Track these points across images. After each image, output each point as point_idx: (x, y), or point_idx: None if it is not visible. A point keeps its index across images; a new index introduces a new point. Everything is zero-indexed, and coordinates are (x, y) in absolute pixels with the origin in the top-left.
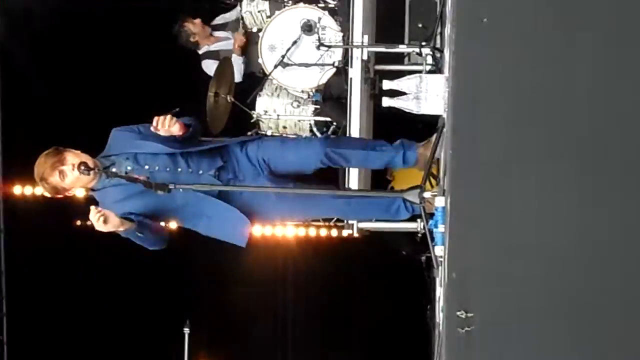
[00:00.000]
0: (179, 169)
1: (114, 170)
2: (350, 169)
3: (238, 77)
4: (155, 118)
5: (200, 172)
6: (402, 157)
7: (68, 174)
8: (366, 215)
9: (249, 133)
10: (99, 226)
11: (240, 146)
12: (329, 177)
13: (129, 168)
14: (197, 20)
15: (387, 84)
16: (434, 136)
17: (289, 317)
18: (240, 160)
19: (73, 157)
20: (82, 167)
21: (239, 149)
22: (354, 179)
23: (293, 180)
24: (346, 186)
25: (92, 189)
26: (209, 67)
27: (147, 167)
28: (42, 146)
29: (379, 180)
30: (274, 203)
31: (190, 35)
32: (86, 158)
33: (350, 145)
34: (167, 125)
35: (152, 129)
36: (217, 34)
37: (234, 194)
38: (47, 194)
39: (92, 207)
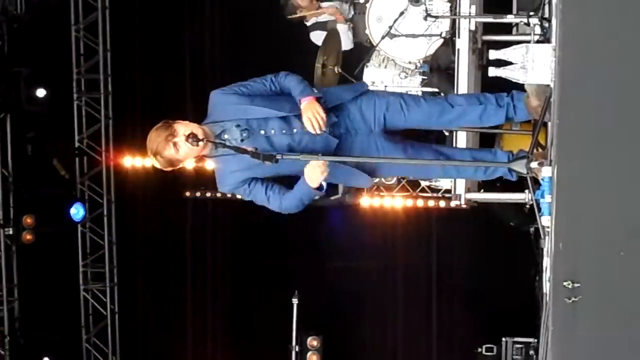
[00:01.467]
0: (294, 130)
1: (225, 137)
2: (459, 132)
3: (349, 44)
4: (308, 123)
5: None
6: (512, 109)
7: (182, 146)
8: (465, 175)
9: None
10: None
11: (354, 99)
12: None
13: (243, 135)
14: None
15: (493, 54)
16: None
17: (397, 287)
18: (353, 115)
19: (184, 128)
20: (191, 139)
21: (352, 102)
22: (461, 140)
23: (402, 135)
24: (454, 145)
25: (206, 156)
26: (318, 38)
27: (262, 132)
28: (150, 117)
29: (485, 141)
30: (384, 155)
31: (297, 8)
32: (195, 128)
33: (461, 102)
34: (323, 124)
35: (309, 130)
36: (325, 4)
37: (346, 148)
38: (162, 168)
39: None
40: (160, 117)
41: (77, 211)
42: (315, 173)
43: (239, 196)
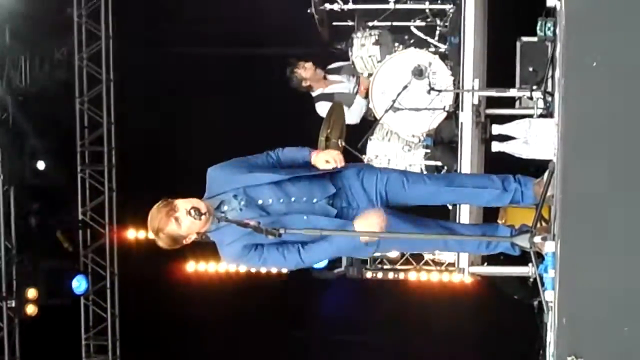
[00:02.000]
0: (292, 199)
1: (224, 208)
2: (462, 206)
3: (356, 119)
4: (329, 162)
5: (315, 200)
6: (520, 194)
7: (183, 220)
8: (467, 250)
9: None
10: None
11: (356, 173)
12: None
13: (242, 204)
14: (309, 65)
15: (496, 129)
16: (546, 176)
17: None
18: (354, 187)
19: (184, 203)
20: (193, 212)
21: (353, 176)
22: (465, 215)
23: (404, 210)
24: (457, 220)
25: (208, 232)
26: (323, 109)
27: (260, 201)
28: (154, 190)
29: (489, 214)
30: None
31: (302, 80)
32: (197, 202)
33: (467, 183)
34: (339, 162)
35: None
36: (332, 77)
37: (348, 218)
38: (165, 246)
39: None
40: (163, 190)
41: (79, 284)
42: (371, 224)
43: (242, 269)
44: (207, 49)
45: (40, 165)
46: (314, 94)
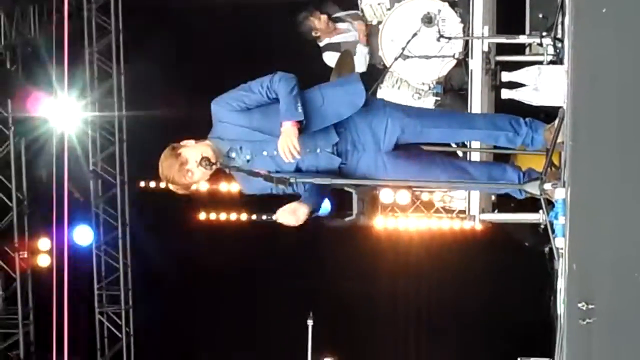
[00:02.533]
0: None
1: (233, 155)
2: (472, 153)
3: (362, 67)
4: (282, 152)
5: (318, 150)
6: (530, 138)
7: (195, 172)
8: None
9: None
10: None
11: (365, 116)
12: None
13: (247, 157)
14: (324, 17)
15: (506, 76)
16: (557, 122)
17: (411, 308)
18: (361, 131)
19: (193, 153)
20: (204, 163)
21: (361, 118)
22: (475, 157)
23: (414, 147)
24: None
25: (222, 167)
26: (331, 59)
27: (265, 152)
28: (161, 137)
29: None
30: (392, 171)
31: (313, 29)
32: (205, 149)
33: (479, 124)
34: (297, 153)
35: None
36: (338, 25)
37: (352, 164)
38: (179, 192)
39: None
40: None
41: (84, 235)
42: (289, 220)
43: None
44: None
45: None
46: (321, 44)
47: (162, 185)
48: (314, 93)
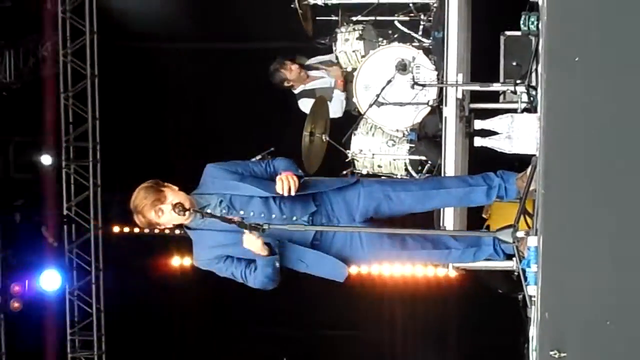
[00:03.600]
0: (273, 215)
1: (208, 211)
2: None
3: (339, 112)
4: (279, 182)
5: (294, 218)
6: (503, 190)
7: (165, 213)
8: (451, 260)
9: (344, 172)
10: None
11: (338, 189)
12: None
13: (223, 212)
14: (295, 67)
15: (479, 124)
16: (529, 171)
17: (385, 356)
18: (335, 203)
19: (172, 196)
20: (178, 209)
21: (335, 192)
22: (449, 215)
23: (387, 223)
24: (441, 225)
25: (187, 227)
26: (306, 105)
27: (241, 212)
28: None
29: (471, 214)
30: (367, 247)
31: (284, 80)
32: (184, 198)
33: (451, 184)
34: (293, 189)
35: (279, 191)
36: (312, 73)
37: (327, 239)
38: (139, 225)
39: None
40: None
41: (51, 280)
42: (252, 244)
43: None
44: (189, 44)
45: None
46: (295, 92)
47: (137, 230)
48: (309, 179)
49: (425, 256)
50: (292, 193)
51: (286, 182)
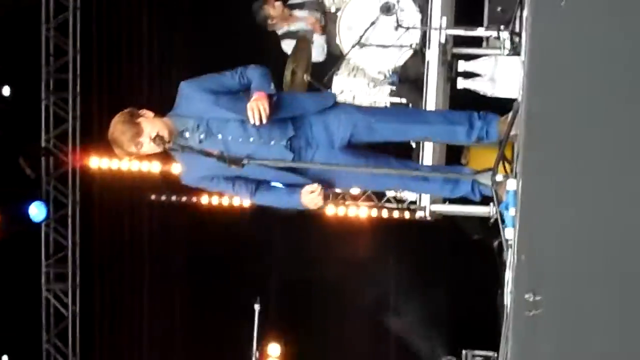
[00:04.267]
0: (251, 139)
1: (187, 135)
2: (425, 143)
3: (321, 56)
4: (250, 112)
5: (272, 142)
6: (484, 132)
7: (144, 145)
8: (428, 191)
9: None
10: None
11: (319, 113)
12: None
13: (201, 137)
14: (278, 3)
15: (462, 65)
16: (510, 115)
17: (359, 298)
18: (315, 127)
19: (150, 126)
20: (158, 141)
21: (316, 116)
22: (428, 153)
23: (367, 149)
24: (420, 162)
25: (171, 149)
26: (289, 46)
27: (219, 135)
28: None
29: (451, 154)
30: (345, 172)
31: (268, 17)
32: (162, 126)
33: (433, 119)
34: (264, 117)
35: (250, 121)
36: (296, 12)
37: (305, 161)
38: (120, 156)
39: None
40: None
41: (38, 211)
42: (312, 201)
43: (204, 199)
44: None
45: (6, 90)
46: (279, 32)
47: (114, 165)
48: (284, 93)
49: (402, 184)
50: (264, 120)
51: (257, 111)
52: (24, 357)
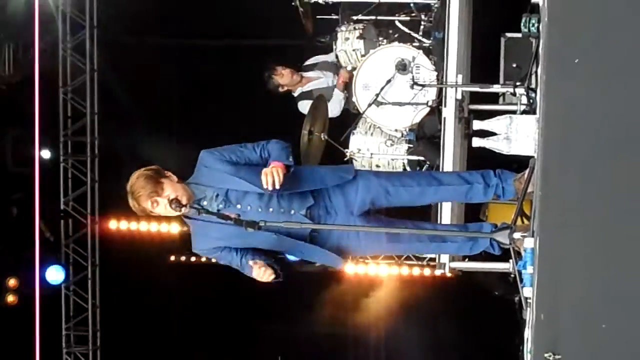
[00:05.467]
0: (270, 209)
1: (204, 203)
2: (443, 203)
3: (337, 112)
4: (264, 177)
5: (292, 212)
6: (500, 189)
7: (160, 205)
8: (448, 251)
9: (345, 160)
10: (265, 279)
11: (337, 182)
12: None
13: (220, 206)
14: (286, 72)
15: (477, 124)
16: (527, 172)
17: (380, 355)
18: (334, 197)
19: (170, 189)
20: (174, 204)
21: (334, 185)
22: (446, 213)
23: (385, 212)
24: (439, 218)
25: (185, 216)
26: (305, 107)
27: (238, 206)
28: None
29: (470, 212)
30: (364, 239)
31: (279, 86)
32: (182, 191)
33: (449, 181)
34: (277, 183)
35: (264, 186)
36: (309, 74)
37: (325, 230)
38: (133, 209)
39: (256, 265)
40: None
41: (56, 274)
42: (261, 277)
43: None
44: (189, 41)
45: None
46: (295, 94)
47: (133, 227)
48: (305, 167)
49: (422, 248)
50: (277, 187)
51: (270, 177)
52: None
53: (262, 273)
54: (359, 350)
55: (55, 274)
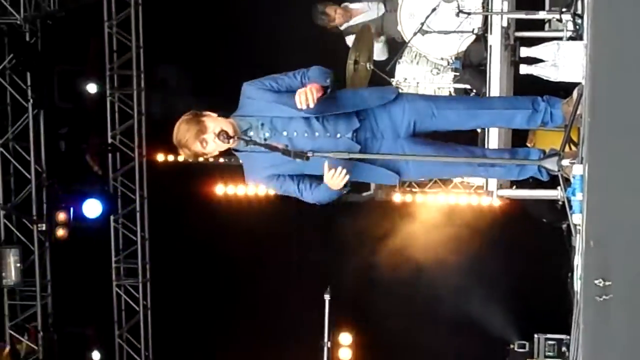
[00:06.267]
0: (317, 134)
1: (251, 134)
2: (490, 128)
3: (383, 56)
4: (297, 96)
5: (338, 135)
6: (549, 115)
7: (209, 142)
8: (496, 176)
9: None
10: (340, 180)
11: (382, 104)
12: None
13: (267, 135)
14: (340, 10)
15: (524, 52)
16: (575, 95)
17: (428, 284)
18: (380, 119)
19: (213, 124)
20: (222, 136)
21: (380, 107)
22: (493, 138)
23: (432, 137)
24: (486, 146)
25: (235, 150)
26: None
27: (285, 132)
28: (183, 112)
29: (517, 138)
30: (412, 162)
31: (330, 21)
32: (225, 123)
33: (497, 105)
34: (311, 102)
35: (298, 106)
36: (354, 6)
37: (372, 152)
38: (186, 158)
39: (332, 169)
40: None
41: (92, 207)
42: (334, 183)
43: (270, 190)
44: None
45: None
46: (342, 28)
47: (181, 159)
48: (347, 90)
49: (470, 171)
50: (311, 105)
51: (304, 96)
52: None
53: (337, 174)
54: (410, 281)
55: (93, 207)
